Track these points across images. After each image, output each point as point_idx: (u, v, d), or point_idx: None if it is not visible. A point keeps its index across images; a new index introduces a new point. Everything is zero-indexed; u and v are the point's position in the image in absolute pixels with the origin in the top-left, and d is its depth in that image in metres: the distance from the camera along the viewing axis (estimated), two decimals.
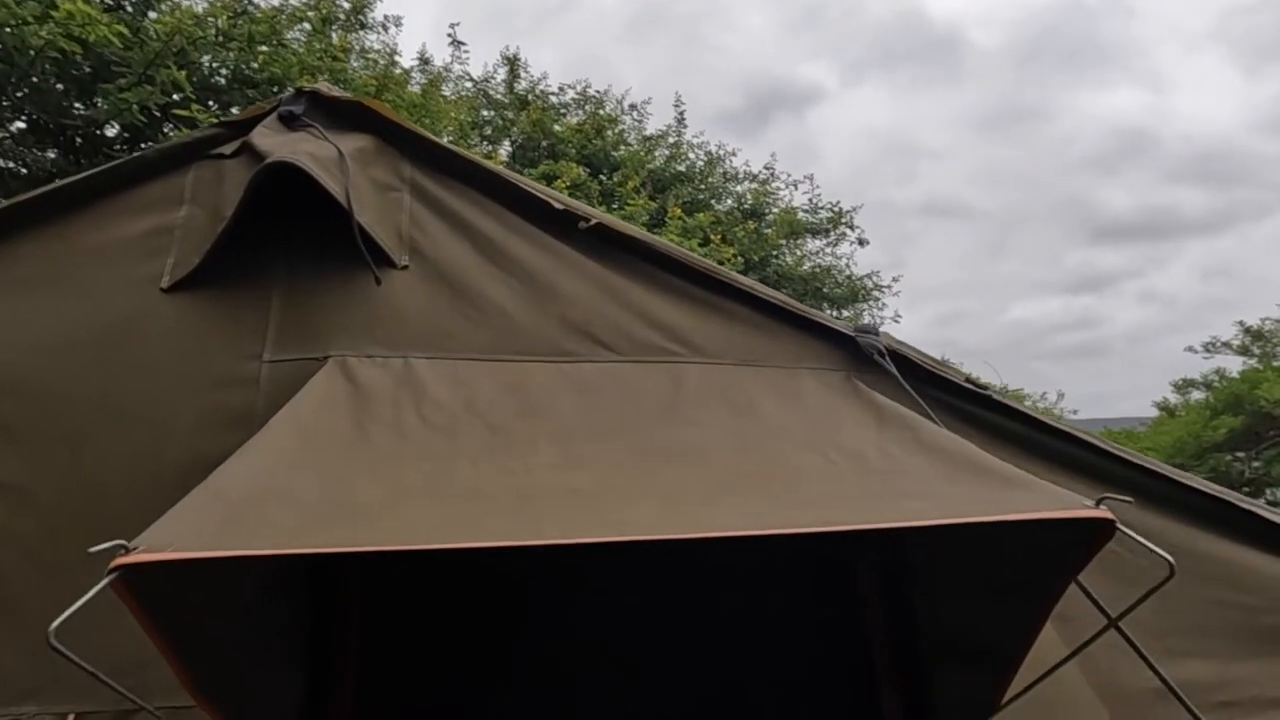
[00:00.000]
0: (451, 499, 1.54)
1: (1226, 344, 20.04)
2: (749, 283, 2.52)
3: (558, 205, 2.54)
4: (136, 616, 1.21)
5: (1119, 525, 1.28)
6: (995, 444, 2.38)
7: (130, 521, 1.37)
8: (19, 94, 7.37)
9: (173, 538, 1.18)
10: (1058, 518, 1.29)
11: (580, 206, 2.61)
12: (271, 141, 2.40)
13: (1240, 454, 17.29)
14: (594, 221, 2.53)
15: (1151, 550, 1.32)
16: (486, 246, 2.49)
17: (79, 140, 7.88)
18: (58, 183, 2.56)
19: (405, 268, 2.43)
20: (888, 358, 2.32)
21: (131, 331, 2.31)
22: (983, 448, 2.36)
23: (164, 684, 1.94)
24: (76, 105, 7.78)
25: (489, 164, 2.63)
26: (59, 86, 7.67)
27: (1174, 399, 23.20)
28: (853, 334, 2.43)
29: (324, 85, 2.75)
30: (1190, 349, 20.67)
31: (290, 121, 2.52)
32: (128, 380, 2.24)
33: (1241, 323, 19.97)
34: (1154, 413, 23.75)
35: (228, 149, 2.54)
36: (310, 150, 2.35)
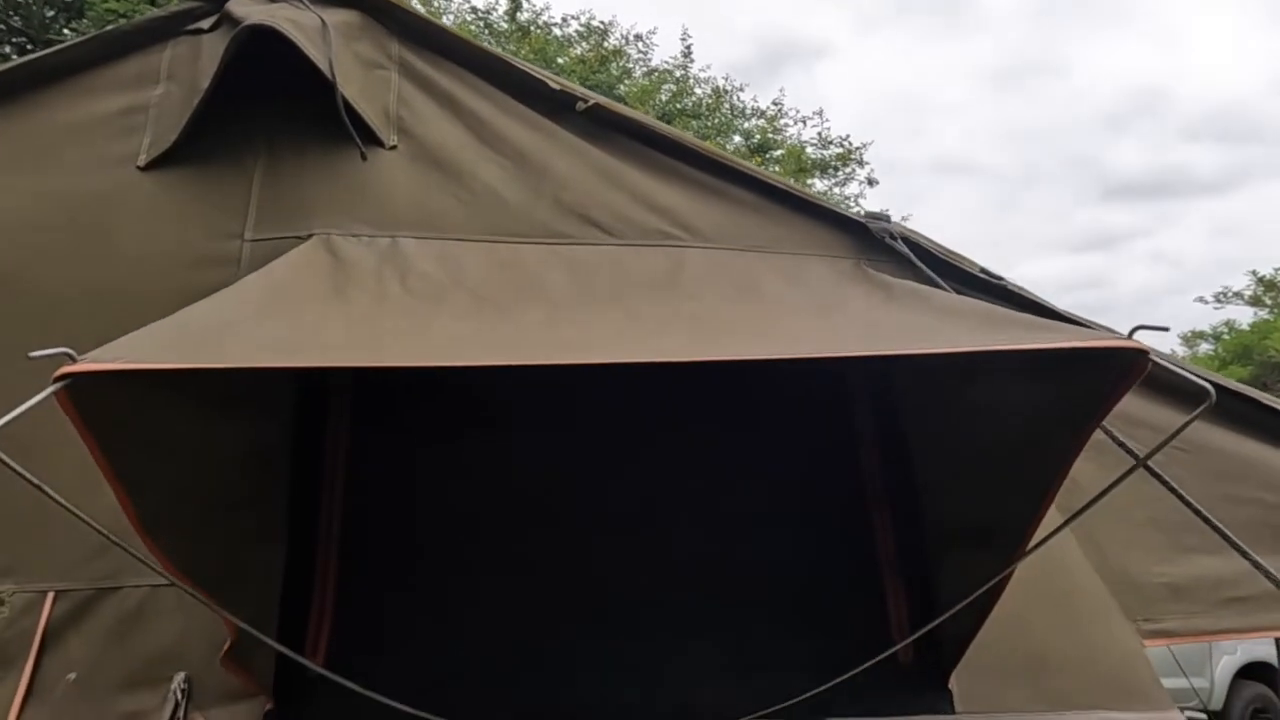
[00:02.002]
0: (431, 340, 1.45)
1: (1238, 294, 19.87)
2: (755, 168, 2.40)
3: (554, 86, 2.42)
4: (80, 432, 1.14)
5: (1153, 356, 1.18)
6: None
7: None
8: (8, 15, 7.19)
9: (123, 353, 1.10)
10: (1091, 346, 1.20)
11: (577, 88, 2.48)
12: (250, 9, 2.26)
13: None
14: (592, 103, 2.40)
15: (1188, 377, 1.23)
16: (478, 127, 2.37)
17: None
18: (30, 56, 2.43)
19: (394, 148, 2.32)
20: (900, 241, 2.21)
21: (108, 210, 2.21)
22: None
23: (140, 564, 1.90)
24: (65, 30, 7.59)
25: (482, 44, 2.49)
26: (48, 12, 7.49)
27: (1182, 352, 23.16)
28: (864, 220, 2.32)
29: None
30: (1201, 299, 20.48)
31: None
32: (102, 257, 2.15)
33: (1254, 273, 19.74)
34: None
35: (205, 24, 2.41)
36: (291, 17, 2.22)
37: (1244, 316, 19.49)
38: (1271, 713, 10.04)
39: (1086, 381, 1.28)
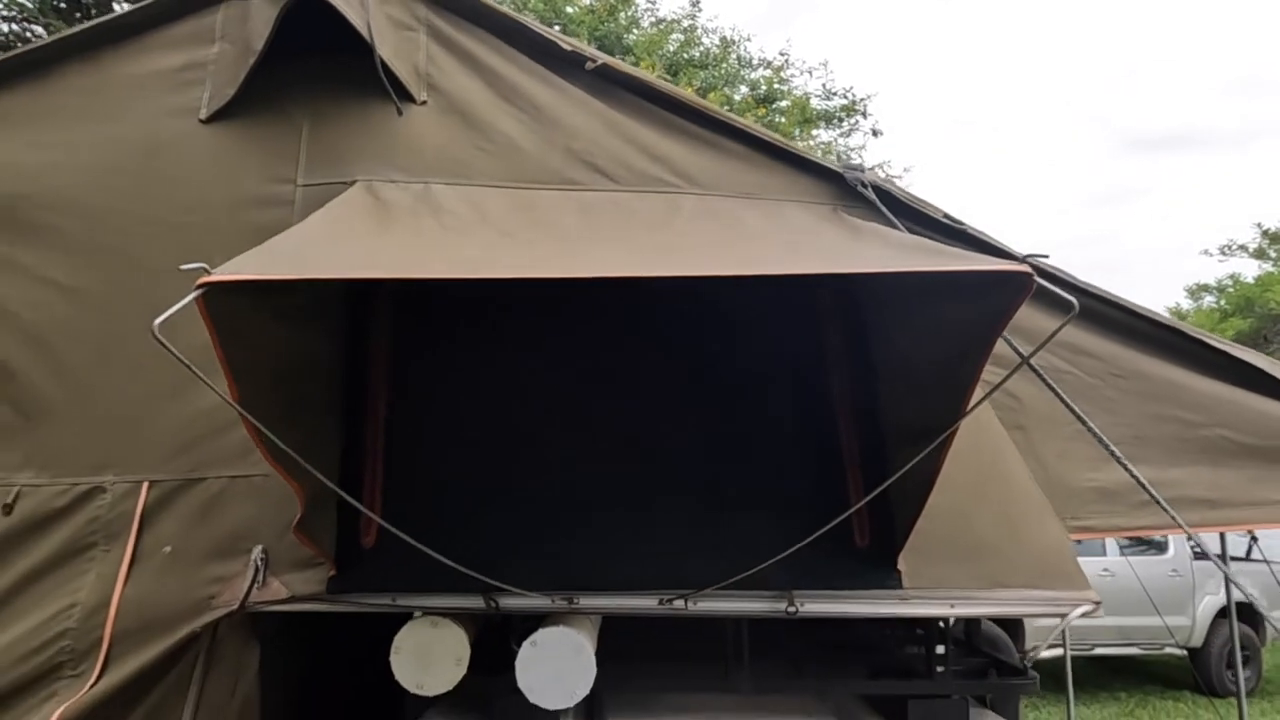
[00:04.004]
0: (469, 259, 1.78)
1: (1243, 247, 19.91)
2: (744, 122, 2.68)
3: (566, 46, 2.69)
4: (209, 330, 1.44)
5: (1035, 277, 1.48)
6: None
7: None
8: None
9: (243, 268, 1.41)
10: (985, 270, 1.50)
11: (586, 48, 2.75)
12: None
13: None
14: (600, 63, 2.68)
15: (1058, 294, 1.53)
16: (498, 83, 2.65)
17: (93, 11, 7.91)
18: (96, 20, 2.72)
19: (424, 103, 2.61)
20: (870, 189, 2.51)
21: (172, 155, 2.52)
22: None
23: (223, 458, 2.26)
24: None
25: (500, 7, 2.76)
26: None
27: (1187, 305, 23.21)
28: (840, 170, 2.61)
29: None
30: (1205, 252, 20.53)
31: None
32: (171, 197, 2.46)
33: (1259, 225, 19.76)
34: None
35: None
36: None
37: (1250, 269, 19.60)
38: (1250, 650, 10.53)
39: (995, 300, 1.58)
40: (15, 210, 2.43)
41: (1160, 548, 10.07)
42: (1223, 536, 5.12)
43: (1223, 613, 9.96)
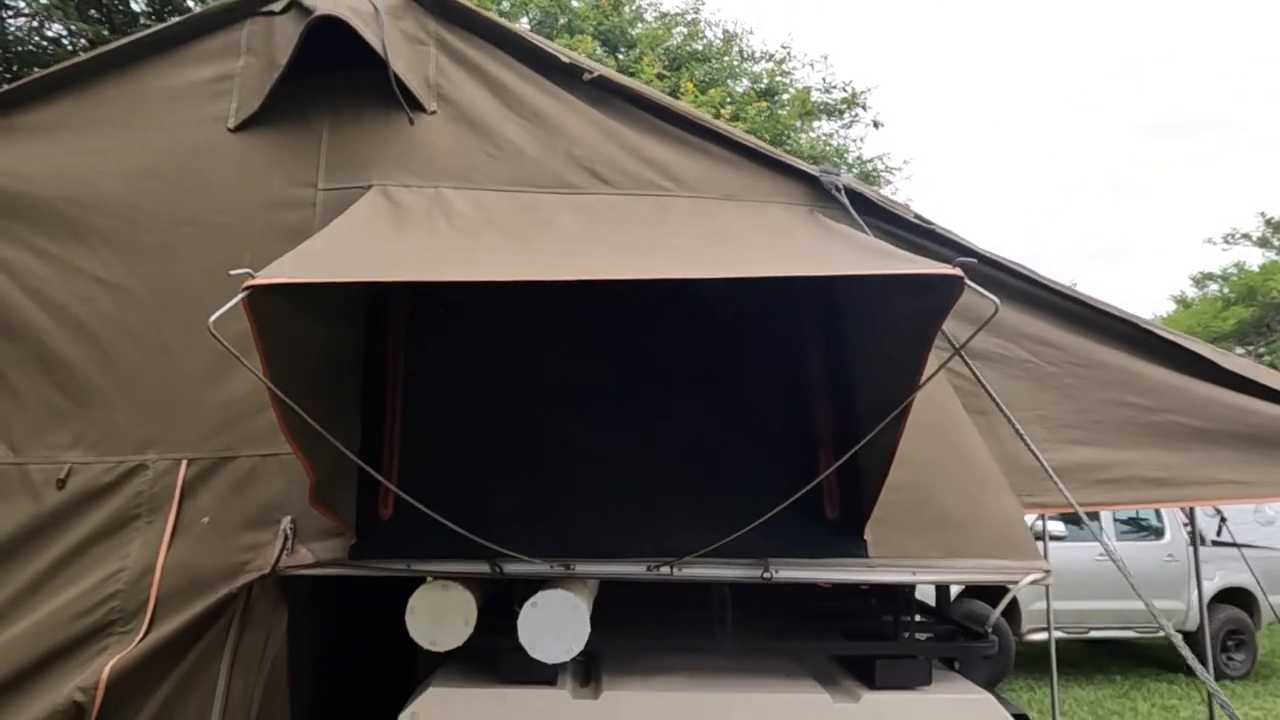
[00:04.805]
0: (479, 262, 2.01)
1: (1246, 235, 19.96)
2: (729, 129, 2.90)
3: (565, 59, 2.90)
4: (251, 326, 1.66)
5: (965, 280, 1.69)
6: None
7: (214, 311, 1.67)
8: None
9: (282, 272, 1.64)
10: (918, 274, 1.72)
11: (584, 60, 2.97)
12: None
13: (1248, 345, 17.52)
14: (596, 74, 2.89)
15: (982, 294, 1.73)
16: (503, 93, 2.86)
17: (111, 8, 8.13)
18: (132, 36, 2.94)
19: (434, 112, 2.83)
20: (842, 192, 2.72)
21: (204, 161, 2.75)
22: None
23: (254, 438, 2.50)
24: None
25: (504, 21, 2.98)
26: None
27: (1192, 293, 23.25)
28: (817, 174, 2.82)
29: None
30: (1209, 241, 20.57)
31: None
32: (203, 200, 2.69)
33: (1263, 214, 19.79)
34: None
35: (276, 6, 2.90)
36: (351, 5, 2.71)
37: (1254, 258, 19.65)
38: (1244, 635, 10.71)
39: (936, 298, 1.80)
40: (66, 213, 2.67)
41: (1157, 533, 10.26)
42: (1192, 514, 5.30)
43: (1218, 597, 10.16)
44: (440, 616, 2.37)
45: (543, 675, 2.45)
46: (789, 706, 2.50)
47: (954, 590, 9.75)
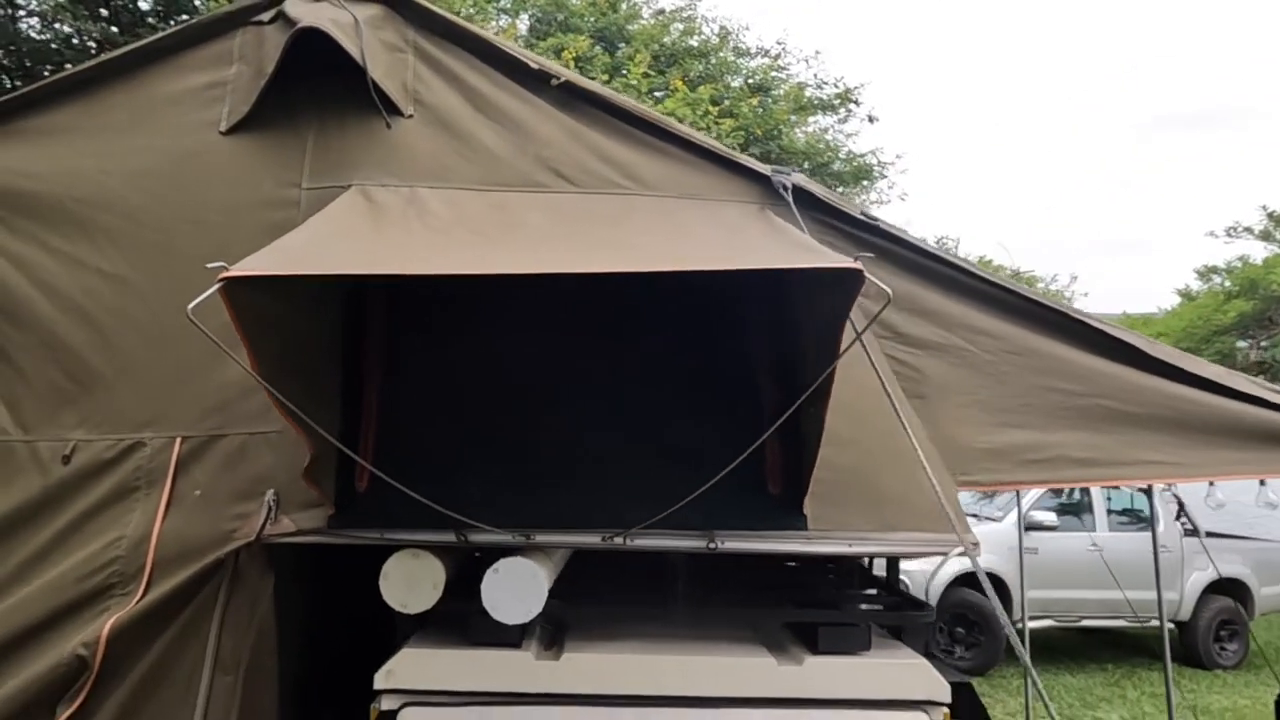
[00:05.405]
0: (449, 255, 2.22)
1: (1248, 229, 19.93)
2: (687, 130, 3.09)
3: (533, 65, 3.10)
4: (230, 314, 1.87)
5: (866, 274, 1.87)
6: (877, 258, 3.00)
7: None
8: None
9: (253, 265, 1.84)
10: (821, 267, 1.91)
11: (552, 66, 3.16)
12: (301, 10, 2.96)
13: (1250, 338, 17.51)
14: (563, 79, 3.09)
15: (878, 285, 1.92)
16: (476, 98, 3.06)
17: (119, 9, 8.35)
18: (133, 45, 3.16)
19: (411, 116, 3.03)
20: (789, 190, 2.91)
21: (199, 162, 2.96)
22: (869, 262, 2.99)
23: (242, 418, 2.71)
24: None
25: (477, 29, 3.17)
26: None
27: (1197, 286, 23.19)
28: (769, 173, 3.01)
29: None
30: (1211, 234, 20.54)
31: None
32: (199, 198, 2.90)
33: (1264, 207, 19.75)
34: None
35: (265, 16, 3.11)
36: (332, 17, 2.92)
37: (1258, 251, 19.61)
38: (1237, 624, 10.83)
39: (846, 289, 1.99)
40: (74, 211, 2.89)
41: (1150, 524, 10.37)
42: (1149, 493, 5.46)
43: (1211, 587, 10.28)
44: (411, 582, 2.59)
45: (509, 638, 2.66)
46: (738, 668, 2.70)
47: (946, 577, 9.94)
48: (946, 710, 2.68)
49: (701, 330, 2.89)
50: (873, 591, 3.49)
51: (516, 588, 2.53)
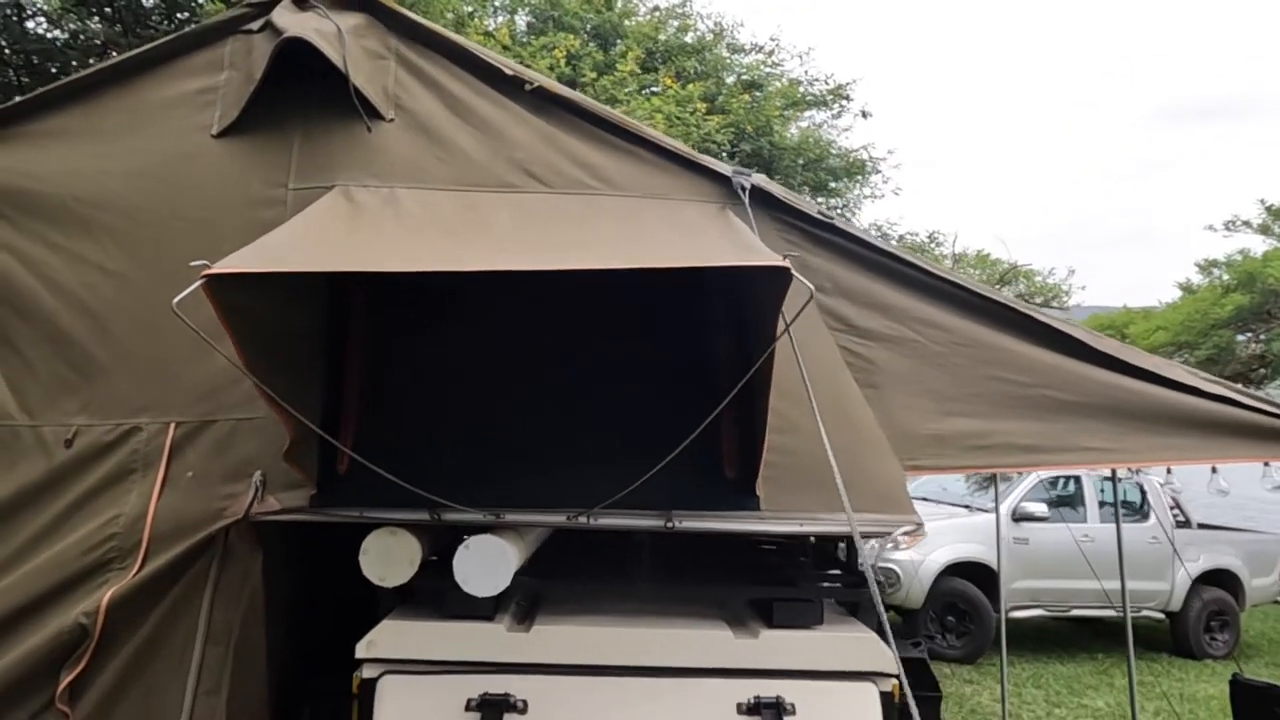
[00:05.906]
0: (418, 253, 2.40)
1: (1247, 223, 19.88)
2: (653, 133, 3.25)
3: (509, 72, 3.27)
4: (214, 308, 2.04)
5: (792, 271, 2.03)
6: (833, 255, 3.17)
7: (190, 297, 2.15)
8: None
9: (235, 263, 2.01)
10: (749, 265, 2.07)
11: (526, 72, 3.33)
12: (287, 20, 3.13)
13: (1249, 331, 17.50)
14: (536, 85, 3.25)
15: (801, 281, 2.07)
16: (454, 103, 3.23)
17: (122, 9, 8.53)
18: (130, 52, 3.34)
19: (391, 120, 3.20)
20: (746, 191, 3.07)
21: (192, 164, 3.14)
22: (825, 259, 3.15)
23: (232, 404, 2.89)
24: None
25: (456, 37, 3.34)
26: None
27: (1198, 279, 23.10)
28: (729, 174, 3.17)
29: None
30: (1210, 228, 20.47)
31: (301, 3, 3.24)
32: (192, 198, 3.08)
33: (1262, 200, 19.68)
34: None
35: (254, 26, 3.28)
36: (316, 27, 3.09)
37: (1258, 245, 19.54)
38: (1228, 616, 10.95)
39: (779, 284, 2.15)
40: (75, 210, 3.08)
41: (1143, 515, 10.50)
42: (1114, 474, 5.61)
43: (1202, 578, 10.40)
44: (389, 558, 2.77)
45: (483, 611, 2.84)
46: (696, 640, 2.88)
47: (935, 566, 10.06)
48: (895, 682, 2.84)
49: (666, 324, 3.06)
50: (836, 573, 3.67)
51: (486, 563, 2.71)
